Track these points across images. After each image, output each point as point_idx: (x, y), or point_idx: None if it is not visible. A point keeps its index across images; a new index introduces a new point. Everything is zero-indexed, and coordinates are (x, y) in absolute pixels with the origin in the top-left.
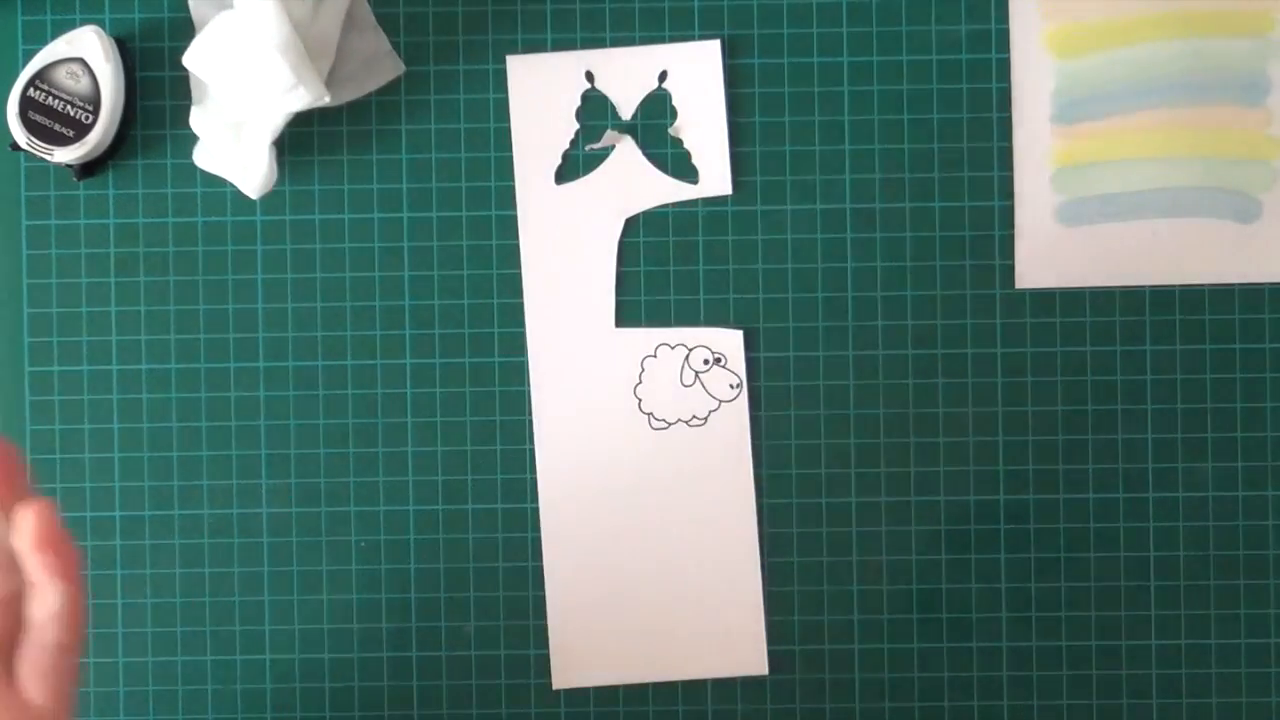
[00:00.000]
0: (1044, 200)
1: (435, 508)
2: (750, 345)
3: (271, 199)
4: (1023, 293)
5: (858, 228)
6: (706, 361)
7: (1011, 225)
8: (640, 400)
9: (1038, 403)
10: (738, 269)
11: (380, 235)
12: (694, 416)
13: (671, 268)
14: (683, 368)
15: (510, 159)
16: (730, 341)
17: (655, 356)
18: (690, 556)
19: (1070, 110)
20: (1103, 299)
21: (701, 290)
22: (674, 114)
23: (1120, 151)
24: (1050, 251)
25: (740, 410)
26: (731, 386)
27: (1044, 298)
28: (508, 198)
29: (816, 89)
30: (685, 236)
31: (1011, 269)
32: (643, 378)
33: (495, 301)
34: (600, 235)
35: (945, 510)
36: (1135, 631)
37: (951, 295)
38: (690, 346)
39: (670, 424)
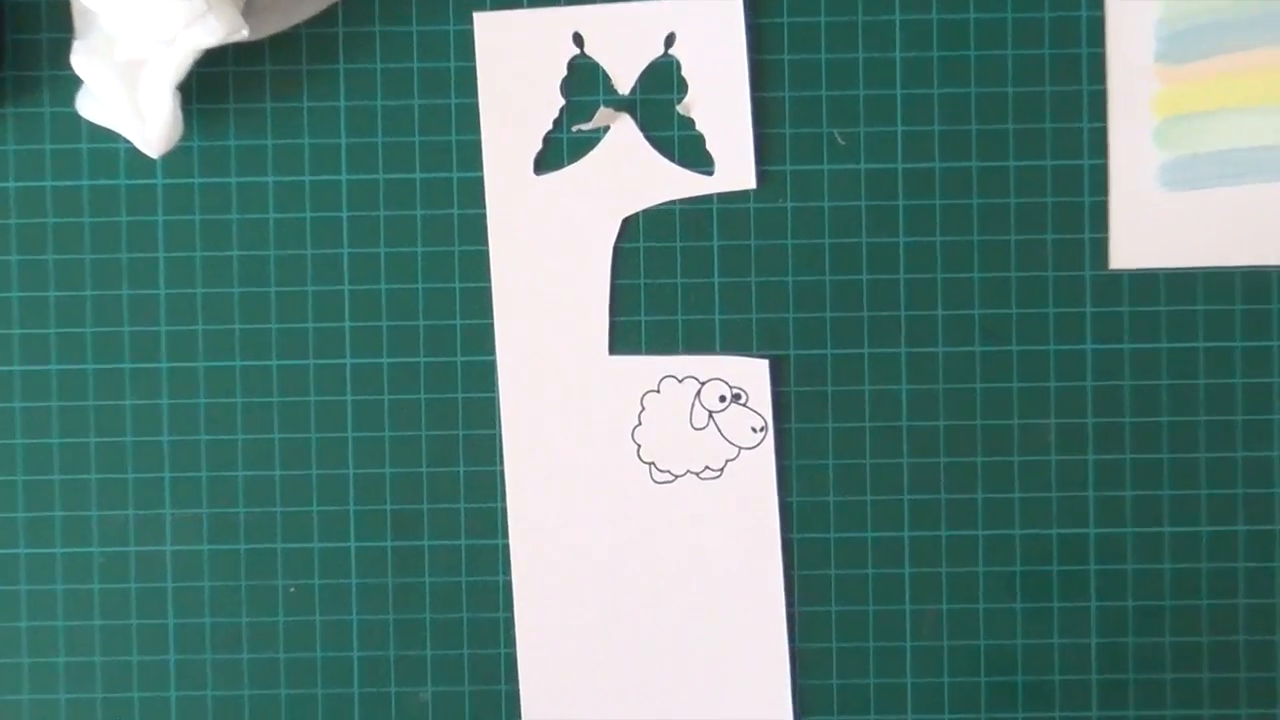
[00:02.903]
0: (1145, 159)
1: (382, 544)
2: (778, 378)
3: (175, 158)
4: (1118, 275)
5: (913, 191)
6: (723, 398)
7: (1105, 190)
8: (639, 446)
9: (1137, 413)
10: (763, 282)
11: (313, 203)
12: (706, 468)
13: (679, 280)
14: (693, 406)
15: (477, 143)
16: (753, 373)
17: (659, 392)
18: (699, 631)
19: (1179, 46)
20: (1219, 282)
21: (717, 309)
22: (683, 87)
23: (1241, 97)
24: (1153, 223)
25: (765, 459)
26: (754, 430)
27: (1145, 281)
28: (473, 193)
29: (861, 54)
30: (697, 241)
31: (1104, 245)
32: (643, 418)
33: (458, 287)
34: (591, 239)
35: (1021, 548)
36: (1260, 696)
37: (1029, 279)
38: (703, 379)
39: (677, 476)
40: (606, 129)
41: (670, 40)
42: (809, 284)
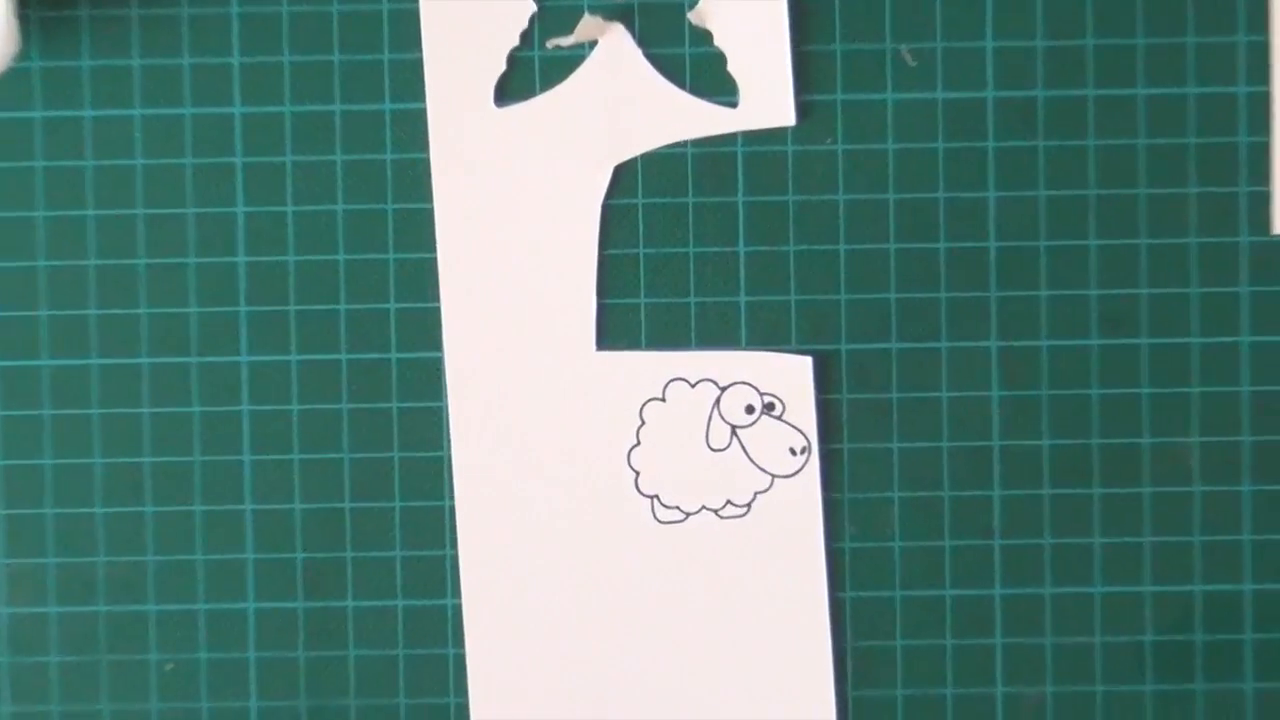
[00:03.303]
0: None
1: (292, 605)
2: (825, 382)
3: (9, 84)
4: None
5: (1005, 129)
6: (751, 409)
7: (1267, 127)
8: (638, 475)
9: None
10: (805, 252)
11: (196, 145)
12: (728, 503)
13: (692, 249)
14: (710, 420)
15: (418, 64)
16: (792, 375)
17: (664, 400)
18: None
19: None
20: None
21: (743, 288)
22: None
23: None
24: None
25: (807, 492)
26: (793, 451)
27: None
28: (413, 131)
29: None
30: (716, 197)
31: (1266, 202)
32: (642, 436)
33: (391, 259)
34: (572, 195)
35: (1153, 610)
36: None
37: (1164, 248)
38: (724, 384)
39: (688, 515)
40: (594, 44)
41: None
42: (867, 255)
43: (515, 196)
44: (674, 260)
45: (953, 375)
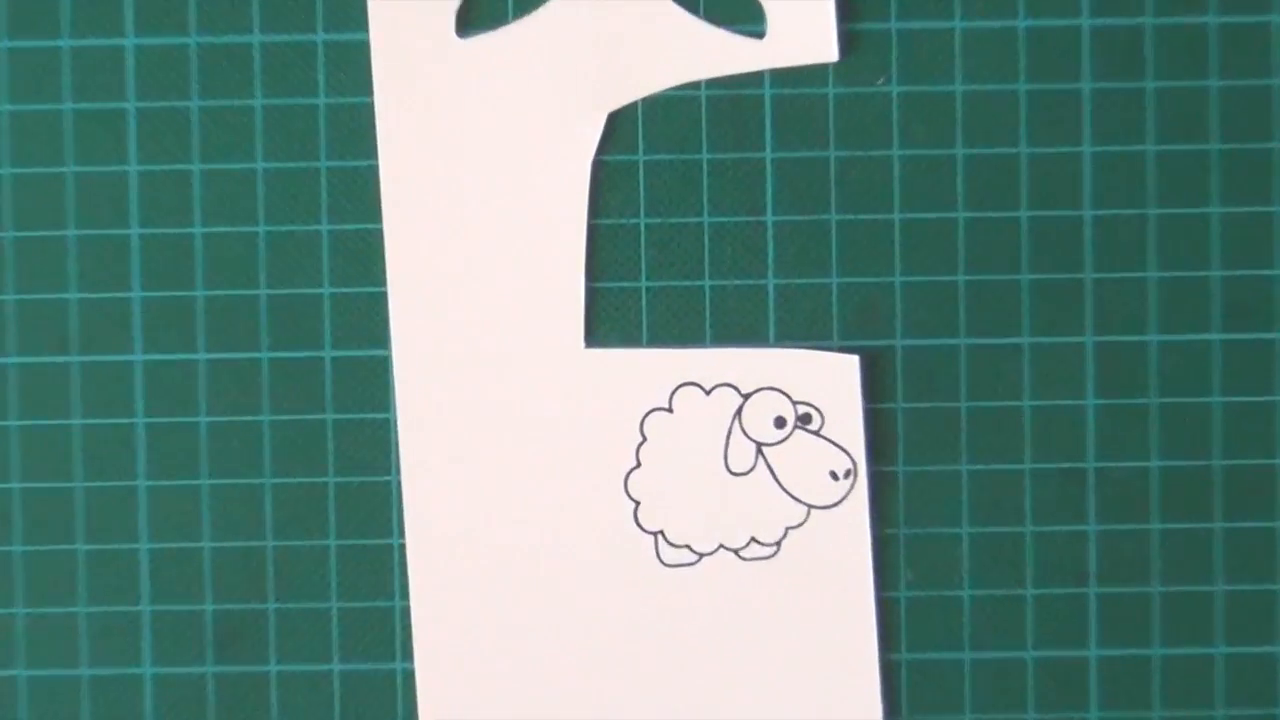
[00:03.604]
0: None
1: (199, 670)
2: (876, 386)
3: None
4: None
5: (1104, 66)
6: (782, 422)
7: None
8: (637, 505)
9: None
10: (850, 223)
11: (76, 87)
12: (753, 540)
13: (706, 219)
14: (730, 436)
15: None
16: (834, 378)
17: (670, 411)
18: None
19: None
20: None
21: (771, 268)
22: None
23: None
24: None
25: (853, 526)
26: (835, 475)
27: None
28: (352, 67)
29: None
30: (737, 153)
31: None
32: (644, 456)
33: (325, 230)
34: (555, 149)
35: None
36: None
37: None
38: (746, 390)
39: (701, 555)
40: None
41: None
42: (928, 227)
43: (481, 151)
44: (684, 233)
45: (1038, 378)
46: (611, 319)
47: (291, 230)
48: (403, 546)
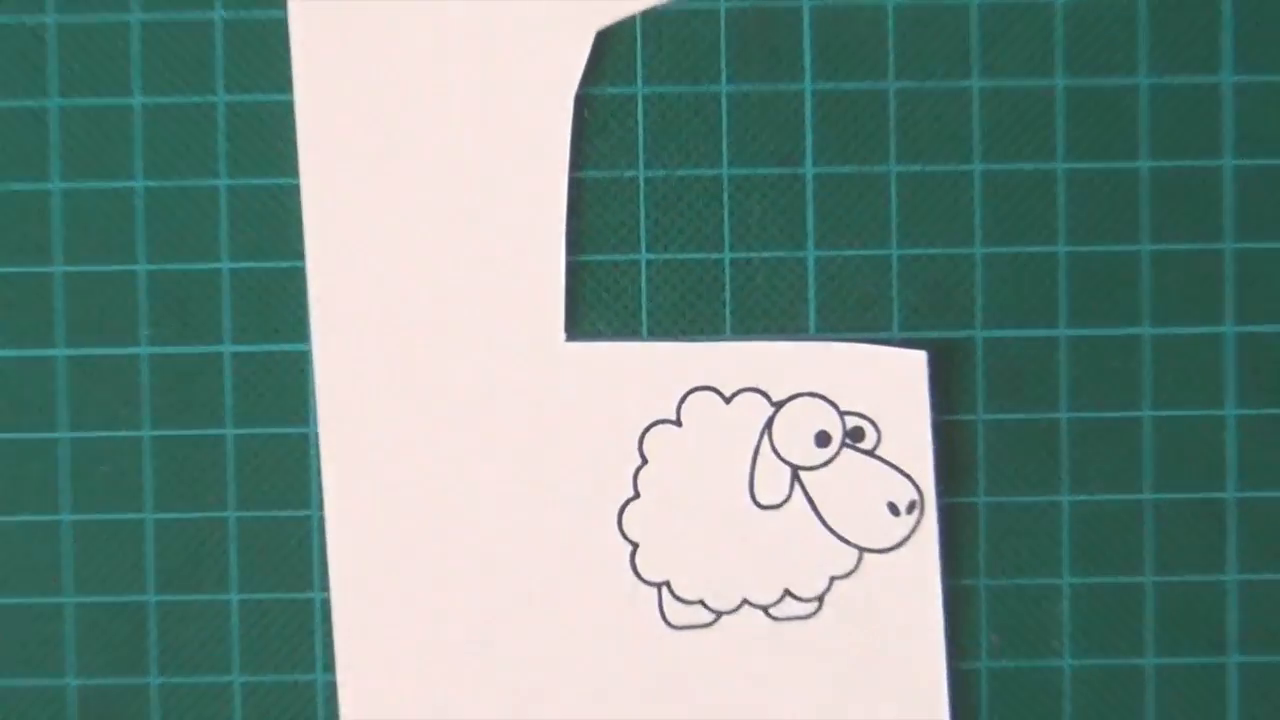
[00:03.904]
0: None
1: None
2: (949, 392)
3: None
4: None
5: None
6: (825, 438)
7: None
8: (635, 547)
9: None
10: (912, 176)
11: None
12: (788, 594)
13: (726, 170)
14: (758, 456)
15: None
16: (894, 380)
17: (678, 424)
18: None
19: None
20: None
21: (810, 236)
22: None
23: None
24: None
25: (918, 570)
26: (895, 509)
27: None
28: None
29: None
30: (765, 84)
31: None
32: (644, 483)
33: (223, 185)
34: (526, 79)
35: None
36: None
37: None
38: (779, 397)
39: (718, 614)
40: None
41: None
42: (1019, 180)
43: (427, 81)
44: (695, 189)
45: (1161, 381)
46: (601, 303)
47: (179, 186)
48: (327, 603)
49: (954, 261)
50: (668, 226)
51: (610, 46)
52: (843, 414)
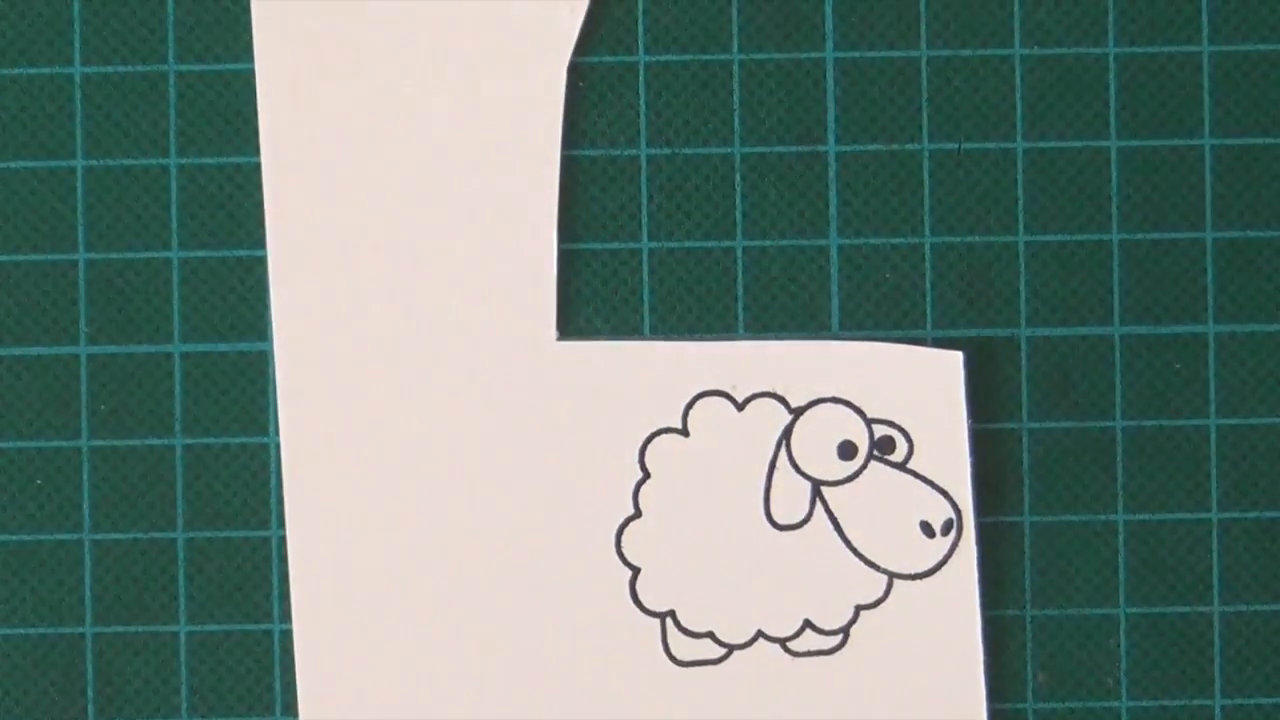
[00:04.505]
0: None
1: None
2: (991, 397)
3: None
4: None
5: None
6: (850, 449)
7: None
8: (636, 573)
9: None
10: (947, 153)
11: None
12: (807, 625)
13: (738, 149)
14: (774, 470)
15: None
16: (927, 384)
17: (685, 434)
18: None
19: None
20: None
21: (834, 223)
22: None
23: None
24: None
25: (956, 599)
26: (930, 529)
27: None
28: None
29: None
30: (781, 53)
31: None
32: (645, 501)
33: (174, 166)
34: (513, 44)
35: None
36: None
37: None
38: (798, 403)
39: (730, 649)
40: None
41: None
42: (1066, 157)
43: (405, 47)
44: (703, 169)
45: (1230, 385)
46: (598, 297)
47: (124, 165)
48: (287, 635)
49: (994, 250)
50: (673, 211)
51: (609, 10)
52: (870, 422)
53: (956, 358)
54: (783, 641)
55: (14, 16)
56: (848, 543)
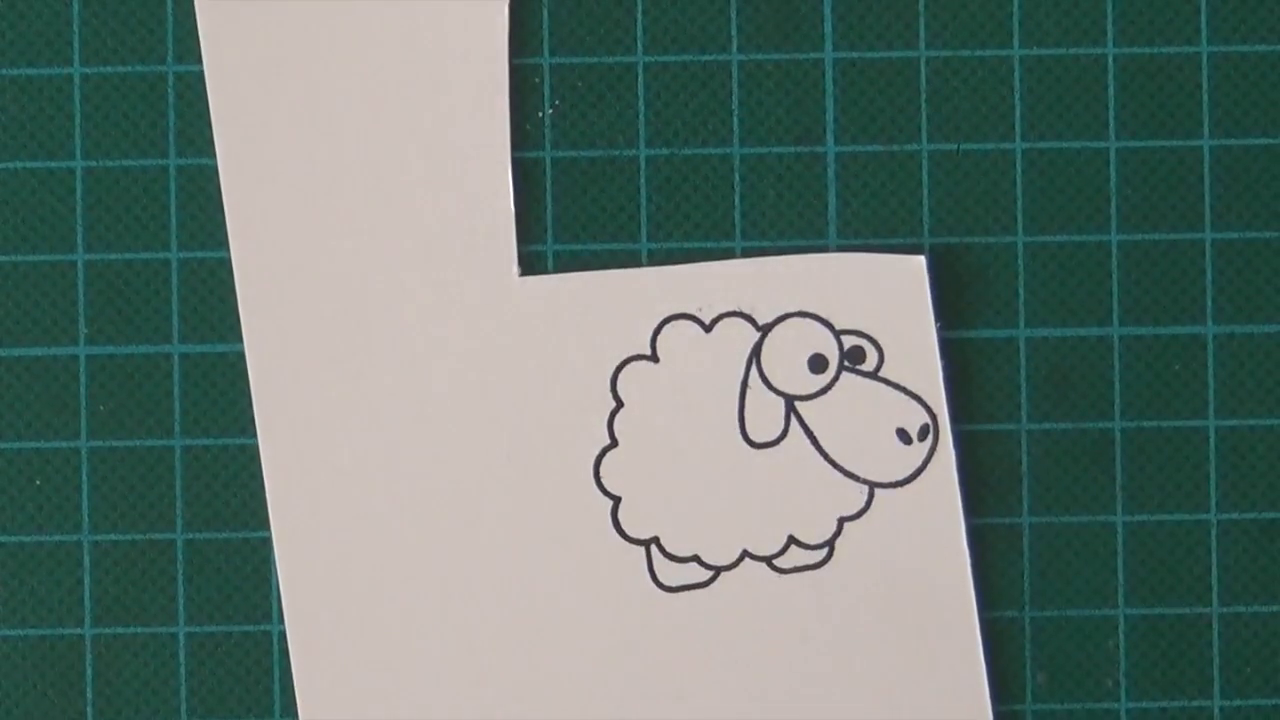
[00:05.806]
0: None
1: None
2: (991, 397)
3: None
4: None
5: None
6: (821, 362)
7: None
8: (617, 502)
9: None
10: (945, 154)
11: None
12: (792, 541)
13: (736, 149)
14: (747, 388)
15: None
16: (893, 290)
17: (655, 359)
18: None
19: None
20: None
21: (832, 224)
22: None
23: None
24: None
25: (939, 505)
26: (906, 435)
27: None
28: None
29: None
30: (783, 54)
31: None
32: (619, 428)
33: (173, 168)
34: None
35: None
36: None
37: None
38: (765, 320)
39: (716, 570)
40: None
41: None
42: (1064, 158)
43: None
44: (702, 170)
45: (1230, 385)
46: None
47: (123, 166)
48: (284, 635)
49: (993, 251)
50: (671, 212)
51: (607, 10)
52: (838, 334)
53: (920, 262)
54: (768, 559)
55: (14, 16)
56: (825, 455)
